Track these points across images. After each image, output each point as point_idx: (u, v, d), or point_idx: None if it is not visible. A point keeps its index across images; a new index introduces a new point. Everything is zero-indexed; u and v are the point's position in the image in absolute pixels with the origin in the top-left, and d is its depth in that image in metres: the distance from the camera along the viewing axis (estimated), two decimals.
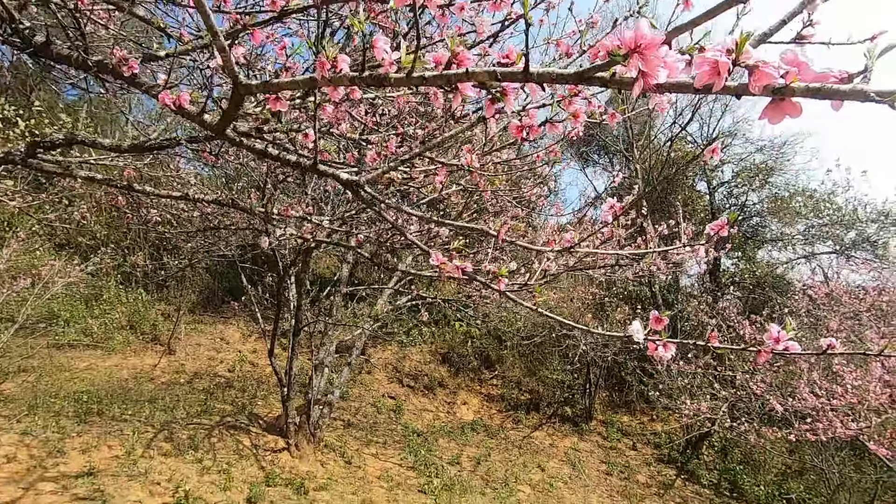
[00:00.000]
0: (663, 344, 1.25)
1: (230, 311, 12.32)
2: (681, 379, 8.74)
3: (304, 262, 6.17)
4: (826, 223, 10.99)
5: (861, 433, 5.44)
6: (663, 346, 1.25)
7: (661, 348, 1.24)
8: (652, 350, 1.26)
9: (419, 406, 10.46)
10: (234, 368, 10.14)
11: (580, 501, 7.14)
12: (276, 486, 5.46)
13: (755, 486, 8.26)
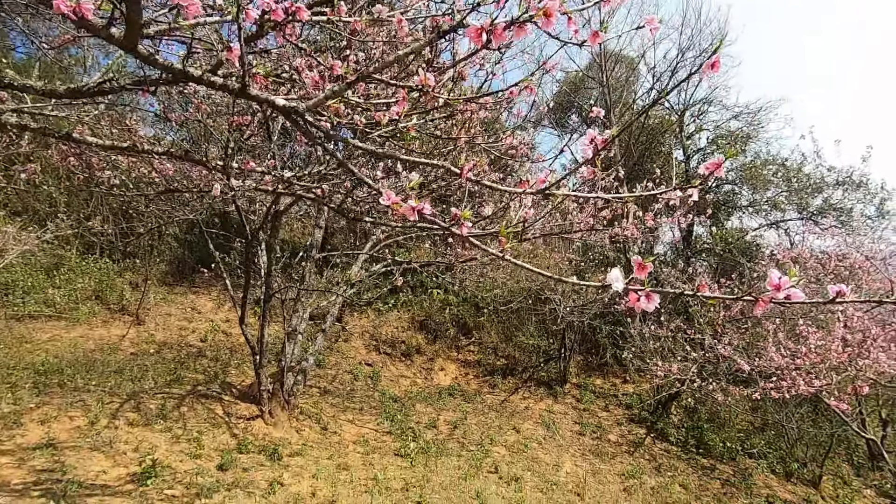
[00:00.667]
0: (646, 294, 1.14)
1: (202, 281, 11.99)
2: (653, 342, 8.94)
3: (274, 227, 5.94)
4: (795, 190, 11.19)
5: (822, 390, 5.65)
6: (646, 297, 1.14)
7: (643, 299, 1.14)
8: (633, 301, 1.16)
9: (396, 373, 10.49)
10: (207, 338, 9.92)
11: (553, 460, 7.32)
12: (249, 452, 5.39)
13: (720, 442, 8.62)
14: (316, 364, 9.94)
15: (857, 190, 10.67)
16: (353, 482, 5.27)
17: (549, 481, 6.45)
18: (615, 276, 1.12)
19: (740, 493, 7.34)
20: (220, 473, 4.75)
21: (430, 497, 5.19)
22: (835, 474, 8.38)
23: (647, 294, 1.14)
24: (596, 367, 11.59)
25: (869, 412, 7.78)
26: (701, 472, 7.85)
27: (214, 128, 4.65)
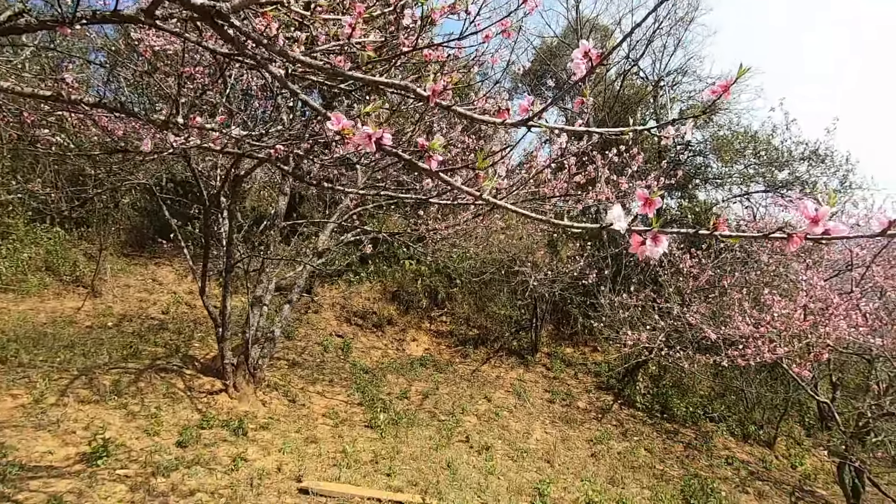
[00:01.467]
0: (653, 236, 0.95)
1: (163, 251, 11.44)
2: (622, 312, 9.04)
3: (234, 193, 5.57)
4: (764, 162, 11.35)
5: (785, 357, 5.80)
6: (653, 240, 0.96)
7: (649, 242, 0.95)
8: (636, 246, 0.96)
9: (368, 344, 10.36)
10: (169, 310, 9.52)
11: (524, 428, 7.41)
12: (212, 427, 5.19)
13: (683, 408, 8.92)
14: (285, 336, 9.69)
15: (822, 163, 10.89)
16: (322, 455, 5.16)
17: (519, 449, 6.51)
18: (617, 214, 0.93)
19: (701, 454, 7.63)
20: (179, 450, 4.55)
21: (400, 468, 5.14)
22: (788, 435, 8.82)
23: (653, 236, 0.95)
24: (567, 337, 11.75)
25: (821, 376, 8.13)
26: (665, 436, 8.11)
27: (161, 80, 4.23)
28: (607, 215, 0.94)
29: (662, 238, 0.95)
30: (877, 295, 6.42)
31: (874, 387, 6.46)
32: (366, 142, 0.96)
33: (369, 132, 0.95)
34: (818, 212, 0.89)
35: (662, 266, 9.11)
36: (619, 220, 0.94)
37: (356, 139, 0.96)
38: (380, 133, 0.96)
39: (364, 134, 0.96)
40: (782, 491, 6.85)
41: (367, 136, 0.96)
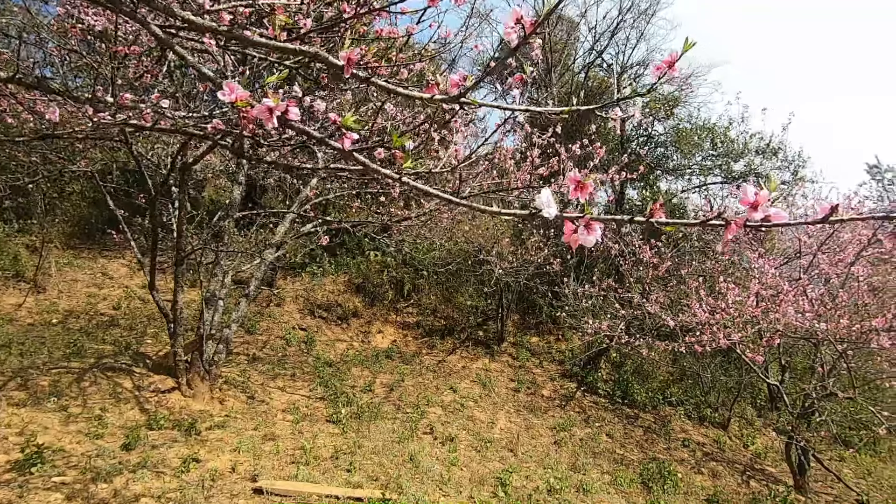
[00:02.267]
0: (585, 224, 0.88)
1: (114, 244, 10.86)
2: (585, 301, 9.18)
3: (183, 181, 5.28)
4: (721, 154, 11.70)
5: (739, 343, 6.00)
6: (585, 227, 0.89)
7: (581, 229, 0.88)
8: (569, 233, 0.89)
9: (332, 337, 10.17)
10: (120, 305, 9.06)
11: (488, 418, 7.43)
12: (162, 428, 4.95)
13: (643, 393, 9.16)
14: (245, 330, 9.39)
15: (775, 156, 11.30)
16: (280, 453, 5.00)
17: (483, 439, 6.52)
18: (545, 199, 0.85)
19: (660, 438, 7.86)
20: (123, 454, 4.31)
21: (361, 463, 5.04)
22: (741, 417, 9.20)
23: (586, 223, 0.88)
24: (532, 326, 11.86)
25: (771, 360, 8.50)
26: (626, 422, 8.31)
27: (94, 59, 3.92)
28: (535, 200, 0.87)
29: (595, 225, 0.88)
30: (822, 282, 6.70)
31: (819, 369, 6.77)
32: (265, 116, 0.85)
33: (270, 105, 0.84)
34: (758, 197, 0.84)
35: (623, 256, 9.28)
36: (547, 205, 0.86)
37: (255, 113, 0.85)
38: (283, 106, 0.85)
39: (264, 107, 0.84)
40: (735, 470, 7.14)
41: (266, 109, 0.84)
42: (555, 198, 0.91)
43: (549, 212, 0.86)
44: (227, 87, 0.85)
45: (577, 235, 0.88)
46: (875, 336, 5.46)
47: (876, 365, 7.23)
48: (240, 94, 0.85)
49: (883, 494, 7.15)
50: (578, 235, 0.88)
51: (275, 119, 0.85)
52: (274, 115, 0.85)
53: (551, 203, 0.86)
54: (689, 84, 12.16)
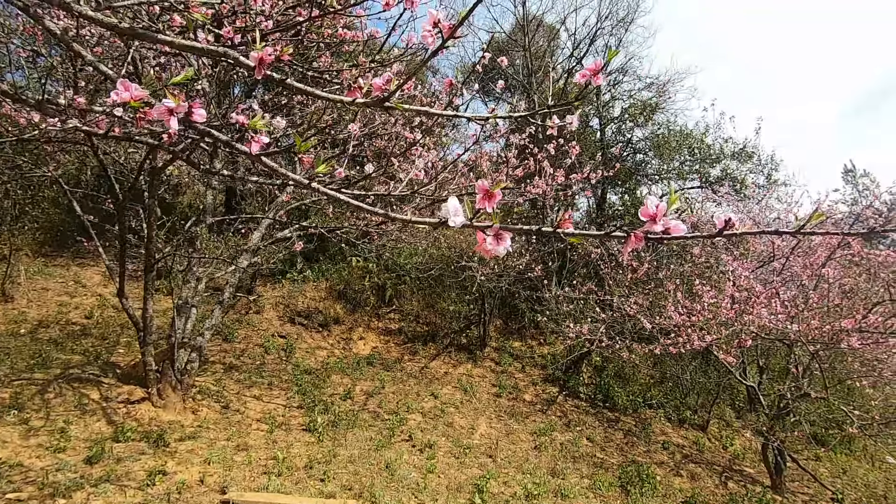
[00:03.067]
0: (495, 233, 0.86)
1: (87, 251, 10.61)
2: (566, 305, 9.21)
3: (152, 186, 5.16)
4: (698, 159, 11.88)
5: (712, 344, 6.05)
6: (495, 238, 0.87)
7: (490, 240, 0.86)
8: (481, 243, 0.88)
9: (312, 344, 10.03)
10: (93, 314, 8.83)
11: (469, 424, 7.38)
12: (128, 440, 4.80)
13: (624, 396, 9.19)
14: (222, 338, 9.22)
15: (749, 160, 11.52)
16: (252, 463, 4.89)
17: (462, 445, 6.46)
18: (453, 208, 0.83)
19: (640, 441, 7.88)
20: (86, 467, 4.16)
21: (336, 472, 4.95)
22: (720, 418, 9.28)
23: (496, 233, 0.86)
24: (515, 331, 11.86)
25: (749, 362, 8.60)
26: (607, 425, 8.32)
27: (54, 60, 3.84)
28: (442, 209, 0.84)
29: (506, 235, 0.86)
30: (794, 284, 6.81)
31: (793, 370, 6.87)
32: (166, 117, 0.81)
33: (170, 105, 0.80)
34: (657, 209, 0.83)
35: (603, 260, 9.34)
36: (455, 214, 0.83)
37: (154, 114, 0.81)
38: (184, 107, 0.81)
39: (164, 108, 0.80)
40: (713, 471, 7.18)
41: (166, 110, 0.80)
42: (466, 206, 0.88)
43: (454, 221, 0.83)
44: (121, 85, 0.80)
45: (487, 245, 0.86)
46: (845, 337, 5.55)
47: (847, 365, 7.36)
48: (135, 93, 0.81)
49: (857, 493, 7.25)
50: (487, 245, 0.86)
51: (175, 121, 0.81)
52: (175, 116, 0.81)
53: (459, 212, 0.84)
54: (666, 91, 12.36)
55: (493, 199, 0.86)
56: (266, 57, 0.99)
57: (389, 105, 1.06)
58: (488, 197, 0.86)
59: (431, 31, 0.98)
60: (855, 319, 5.59)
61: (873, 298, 6.55)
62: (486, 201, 0.86)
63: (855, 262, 7.59)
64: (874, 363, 6.81)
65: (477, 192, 0.86)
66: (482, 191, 0.86)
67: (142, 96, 0.81)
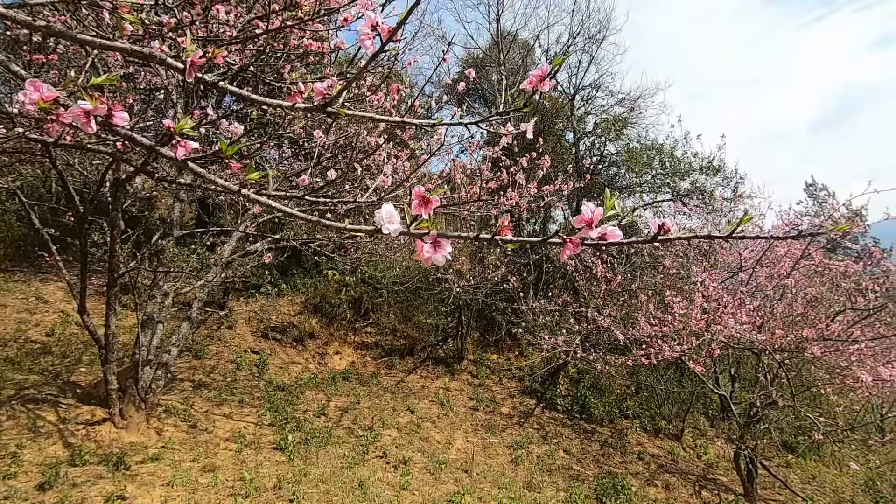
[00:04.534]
0: (432, 241, 0.85)
1: (50, 266, 10.22)
2: (543, 317, 9.26)
3: (116, 198, 5.02)
4: (669, 173, 12.20)
5: (683, 354, 6.14)
6: (432, 245, 0.85)
7: (427, 247, 0.84)
8: (420, 251, 0.86)
9: (286, 359, 9.82)
10: (54, 331, 8.46)
11: (445, 439, 7.29)
12: (86, 464, 4.58)
13: (600, 407, 9.23)
14: (192, 355, 8.94)
15: (717, 174, 11.88)
16: (217, 485, 4.71)
17: (438, 461, 6.37)
18: (386, 215, 0.80)
19: (616, 452, 7.91)
20: (38, 494, 3.94)
21: (306, 492, 4.81)
22: (694, 427, 9.39)
23: (433, 240, 0.84)
24: (492, 343, 11.85)
25: (721, 371, 8.75)
26: (583, 437, 8.34)
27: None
28: (376, 216, 0.82)
29: (444, 243, 0.85)
30: (760, 294, 6.99)
31: (762, 378, 7.01)
32: (82, 120, 0.77)
33: (86, 107, 0.76)
34: (593, 213, 0.83)
35: (578, 272, 9.45)
36: (388, 221, 0.81)
37: (68, 116, 0.77)
38: (103, 109, 0.77)
39: (80, 110, 0.76)
40: (688, 481, 7.24)
41: (82, 112, 0.76)
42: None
43: (389, 228, 0.81)
44: (30, 85, 0.76)
45: (424, 253, 0.84)
46: (808, 345, 5.71)
47: (813, 373, 7.55)
48: (45, 93, 0.77)
49: (826, 498, 7.39)
50: (426, 253, 0.84)
51: (93, 124, 0.77)
52: (92, 119, 0.77)
53: (394, 218, 0.82)
54: (637, 106, 12.70)
55: (430, 206, 0.85)
56: (196, 60, 0.96)
57: (332, 110, 1.04)
58: (424, 203, 0.84)
59: (370, 33, 0.97)
60: (817, 328, 5.76)
61: (836, 307, 6.77)
62: (423, 207, 0.84)
63: (818, 272, 7.85)
64: (838, 371, 7.01)
65: (413, 197, 0.84)
66: (418, 197, 0.84)
67: (52, 97, 0.77)
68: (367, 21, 0.96)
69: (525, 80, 1.22)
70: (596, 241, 0.83)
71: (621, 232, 0.84)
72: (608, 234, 0.84)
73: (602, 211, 0.83)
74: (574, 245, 0.84)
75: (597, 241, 0.84)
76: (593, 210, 0.82)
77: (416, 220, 0.84)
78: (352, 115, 1.09)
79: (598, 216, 0.82)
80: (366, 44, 0.97)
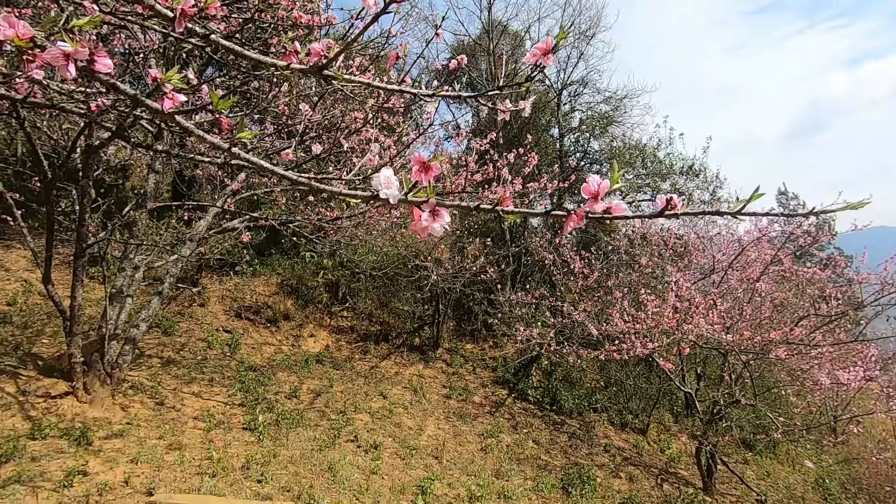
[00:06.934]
0: (431, 208, 0.82)
1: (13, 232, 9.79)
2: (519, 309, 9.34)
3: (87, 165, 4.81)
4: (648, 173, 12.38)
5: (654, 351, 6.28)
6: (431, 213, 0.82)
7: (425, 215, 0.82)
8: (416, 220, 0.83)
9: (259, 340, 9.68)
10: (16, 300, 8.13)
11: (417, 425, 7.32)
12: (46, 438, 4.44)
13: (570, 400, 9.41)
14: (162, 331, 8.73)
15: (697, 177, 12.11)
16: (184, 464, 4.63)
17: (409, 446, 6.40)
18: (385, 179, 0.77)
19: (583, 443, 8.09)
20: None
21: (275, 473, 4.78)
22: (659, 422, 9.67)
23: (431, 208, 0.82)
24: (468, 333, 11.91)
25: (688, 369, 9.01)
26: (552, 428, 8.49)
27: None
28: (374, 180, 0.79)
29: (443, 211, 0.83)
30: (731, 296, 7.19)
31: (727, 378, 7.24)
32: (61, 63, 0.72)
33: (67, 49, 0.70)
34: (599, 186, 0.82)
35: (556, 266, 9.54)
36: (386, 186, 0.79)
37: (46, 57, 0.71)
38: (84, 53, 0.72)
39: (58, 51, 0.71)
40: (650, 474, 7.46)
41: (62, 54, 0.71)
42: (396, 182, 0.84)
43: (387, 193, 0.79)
44: (4, 21, 0.69)
45: (423, 222, 0.82)
46: (773, 347, 5.91)
47: (775, 374, 7.84)
48: (21, 30, 0.70)
49: (779, 494, 7.73)
50: (423, 222, 0.82)
51: (72, 68, 0.72)
52: (71, 62, 0.71)
53: (391, 183, 0.79)
54: (623, 105, 12.80)
55: (431, 173, 0.82)
56: (188, 8, 0.90)
57: (328, 73, 1.00)
58: (425, 169, 0.82)
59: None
60: (782, 331, 5.96)
61: (800, 313, 7.02)
62: (423, 174, 0.82)
63: (786, 278, 8.11)
64: (798, 373, 7.29)
65: (413, 163, 0.81)
66: (418, 162, 0.81)
67: (29, 34, 0.70)
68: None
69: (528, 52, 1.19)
70: (601, 214, 0.82)
71: (626, 206, 0.83)
72: (614, 208, 0.83)
73: (608, 183, 0.81)
74: (578, 217, 0.83)
75: (602, 215, 0.82)
76: (599, 182, 0.81)
77: (415, 187, 0.82)
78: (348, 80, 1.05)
79: (604, 188, 0.81)
80: (368, 2, 0.93)
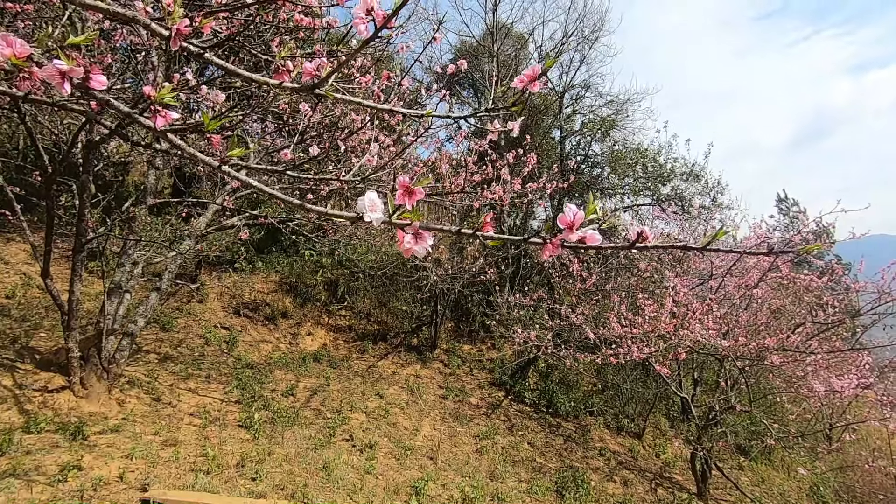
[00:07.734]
0: (414, 231, 0.84)
1: (13, 226, 9.80)
2: (517, 310, 9.36)
3: (87, 160, 4.83)
4: (649, 177, 12.39)
5: (650, 356, 6.29)
6: (414, 236, 0.84)
7: (408, 238, 0.84)
8: (401, 242, 0.85)
9: (257, 337, 9.69)
10: (15, 294, 8.14)
11: (413, 425, 7.34)
12: (42, 432, 4.45)
13: (567, 403, 9.42)
14: (160, 327, 8.74)
15: (697, 182, 12.12)
16: (179, 460, 4.65)
17: (404, 447, 6.41)
18: (370, 202, 0.79)
19: (579, 447, 8.10)
20: None
21: (269, 471, 4.79)
22: (655, 427, 9.68)
23: (415, 231, 0.84)
24: (466, 334, 11.93)
25: (685, 374, 9.02)
26: (548, 430, 8.50)
27: None
28: (359, 203, 0.80)
29: (426, 235, 0.84)
30: (728, 302, 7.20)
31: (723, 384, 7.25)
32: (56, 80, 0.73)
33: (62, 68, 0.72)
34: (575, 217, 0.83)
35: (555, 269, 9.56)
36: (371, 210, 0.80)
37: (42, 75, 0.73)
38: (80, 71, 0.73)
39: (54, 69, 0.72)
40: (645, 478, 7.47)
41: (57, 72, 0.72)
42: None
43: (371, 216, 0.80)
44: (2, 40, 0.71)
45: (406, 244, 0.83)
46: (769, 354, 5.92)
47: (771, 381, 7.85)
48: (18, 49, 0.72)
49: (773, 500, 7.74)
50: (406, 244, 0.83)
51: (67, 86, 0.73)
52: (67, 80, 0.73)
53: (376, 207, 0.80)
54: (624, 109, 12.82)
55: (414, 197, 0.84)
56: (183, 28, 0.92)
57: (320, 92, 1.01)
58: (408, 193, 0.83)
59: (364, 18, 0.94)
60: (778, 338, 5.97)
61: (797, 320, 7.03)
62: (407, 198, 0.83)
63: (783, 285, 8.12)
64: (794, 380, 7.30)
65: (397, 188, 0.83)
66: (402, 187, 0.83)
67: (25, 53, 0.72)
68: (362, 4, 0.93)
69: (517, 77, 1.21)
70: (575, 243, 0.84)
71: (600, 236, 0.85)
72: (588, 238, 0.84)
73: (584, 215, 0.83)
74: (554, 246, 0.85)
75: (576, 244, 0.84)
76: (575, 213, 0.83)
77: (399, 210, 0.83)
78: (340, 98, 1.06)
79: (579, 220, 0.83)
80: (360, 28, 0.95)
